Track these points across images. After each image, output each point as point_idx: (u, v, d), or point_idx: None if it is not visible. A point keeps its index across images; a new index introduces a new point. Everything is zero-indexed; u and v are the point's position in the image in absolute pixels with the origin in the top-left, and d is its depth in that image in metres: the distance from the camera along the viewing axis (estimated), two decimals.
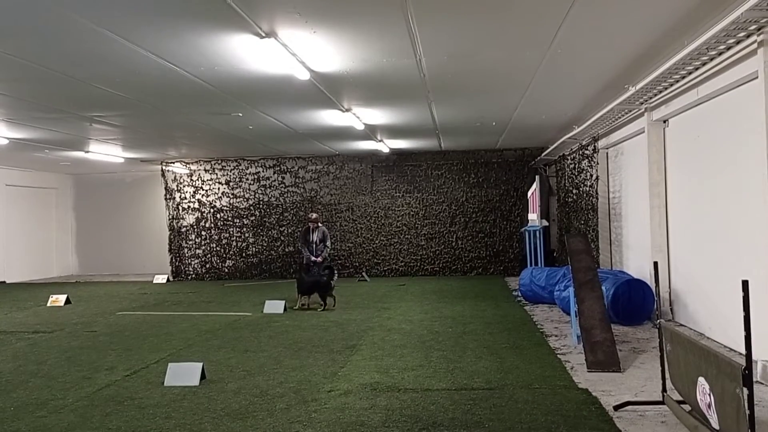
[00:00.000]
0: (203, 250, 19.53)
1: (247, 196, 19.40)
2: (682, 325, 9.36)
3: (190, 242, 19.58)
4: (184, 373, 6.85)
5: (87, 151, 15.82)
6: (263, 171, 19.32)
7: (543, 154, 16.90)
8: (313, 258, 12.60)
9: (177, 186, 19.69)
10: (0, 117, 11.11)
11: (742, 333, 3.96)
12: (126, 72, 8.16)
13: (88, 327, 10.76)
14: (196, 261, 19.56)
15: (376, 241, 18.89)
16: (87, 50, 7.15)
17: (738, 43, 6.46)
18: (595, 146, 13.47)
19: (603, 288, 8.33)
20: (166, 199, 19.76)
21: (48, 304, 13.64)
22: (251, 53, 7.39)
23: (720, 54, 6.89)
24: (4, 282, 19.23)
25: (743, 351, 3.96)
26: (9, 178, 19.49)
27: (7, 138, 13.18)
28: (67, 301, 13.75)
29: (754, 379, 3.85)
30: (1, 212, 19.29)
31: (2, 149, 14.84)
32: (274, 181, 19.28)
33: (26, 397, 6.47)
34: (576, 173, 15.11)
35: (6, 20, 6.11)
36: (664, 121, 9.89)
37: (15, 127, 12.16)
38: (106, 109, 10.67)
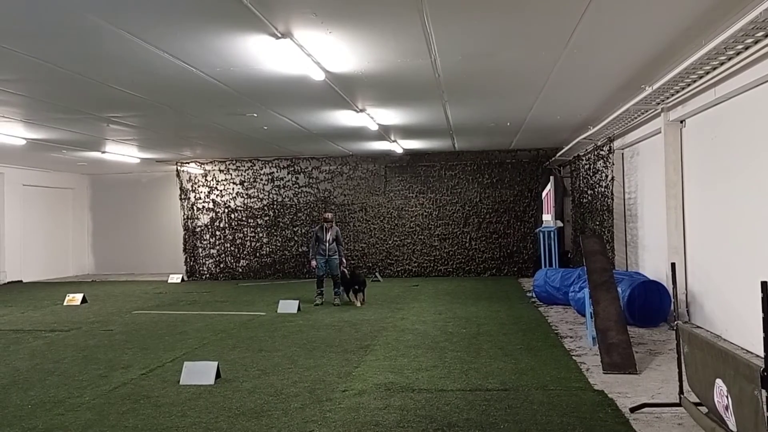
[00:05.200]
0: (217, 250, 19.63)
1: (261, 196, 19.47)
2: (698, 326, 9.29)
3: (205, 242, 19.69)
4: (200, 372, 6.89)
5: (103, 152, 15.97)
6: (277, 171, 19.39)
7: (557, 155, 16.83)
8: (343, 267, 13.02)
9: (192, 186, 19.81)
10: (18, 118, 11.23)
11: (760, 335, 3.92)
12: (143, 73, 8.22)
13: (105, 326, 10.85)
14: (211, 261, 19.66)
15: (390, 242, 18.89)
16: (104, 51, 7.21)
17: (756, 42, 6.40)
18: (610, 147, 13.40)
19: (618, 289, 8.29)
20: (180, 199, 19.88)
21: (65, 303, 13.76)
22: (267, 54, 7.42)
23: (738, 54, 6.82)
24: (21, 281, 19.44)
25: (760, 353, 3.92)
26: (26, 178, 19.69)
27: (25, 138, 13.32)
28: (84, 300, 13.87)
29: None
30: (19, 212, 19.50)
31: (20, 150, 14.99)
32: (288, 181, 19.35)
33: (43, 395, 6.54)
34: (591, 174, 15.04)
35: (24, 22, 6.17)
36: (681, 122, 9.82)
37: (33, 128, 12.29)
38: (123, 109, 10.76)
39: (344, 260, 13.06)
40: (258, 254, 19.44)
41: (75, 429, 5.45)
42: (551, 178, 14.92)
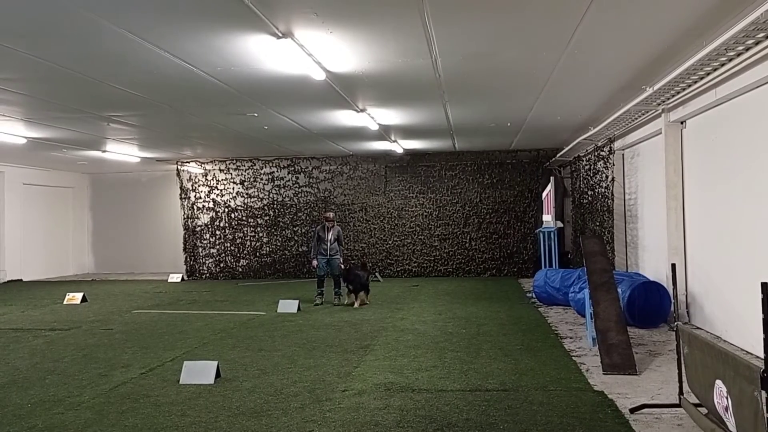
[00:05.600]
0: (217, 250, 19.63)
1: (261, 195, 19.48)
2: (698, 327, 9.29)
3: (205, 241, 19.70)
4: (200, 372, 6.89)
5: (104, 151, 15.97)
6: (277, 171, 19.40)
7: (558, 156, 16.83)
8: (343, 267, 12.97)
9: (192, 185, 19.81)
10: (19, 116, 11.23)
11: (760, 336, 3.92)
12: (143, 72, 8.22)
13: (104, 325, 10.85)
14: (211, 260, 19.66)
15: (390, 242, 18.89)
16: (105, 50, 7.21)
17: (757, 44, 6.40)
18: (610, 147, 13.39)
19: (619, 290, 8.28)
20: (181, 198, 19.88)
21: (64, 302, 13.76)
22: (268, 53, 7.42)
23: (739, 55, 6.82)
24: (21, 280, 19.43)
25: (760, 354, 3.92)
26: (26, 176, 19.69)
27: (26, 137, 13.32)
28: (84, 299, 13.87)
29: None
30: (19, 211, 19.50)
31: (20, 148, 14.99)
32: (288, 181, 19.35)
33: (43, 394, 6.54)
34: (591, 174, 15.04)
35: (25, 20, 6.17)
36: (682, 122, 9.82)
37: (33, 127, 12.28)
38: (124, 109, 10.76)
39: (340, 261, 13.00)
40: (258, 254, 19.44)
41: (75, 428, 5.45)
42: (551, 178, 14.91)
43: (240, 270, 19.51)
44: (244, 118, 12.00)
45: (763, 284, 3.91)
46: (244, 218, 19.55)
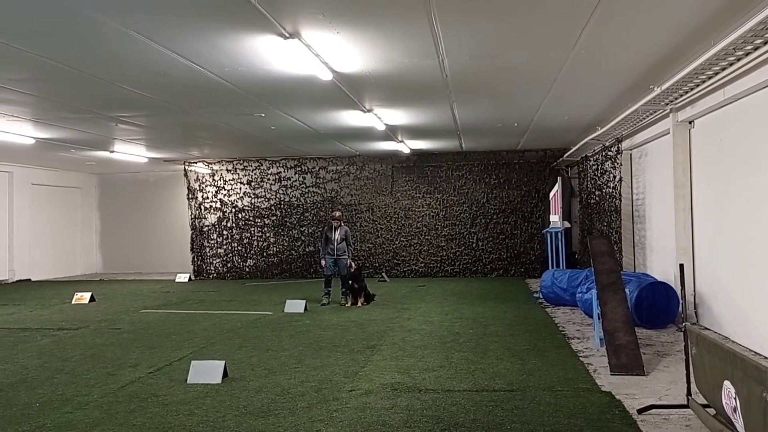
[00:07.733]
0: (225, 250, 19.67)
1: (268, 196, 19.51)
2: (706, 328, 9.25)
3: (212, 242, 19.75)
4: (207, 371, 6.91)
5: (112, 151, 16.04)
6: (284, 171, 19.43)
7: (565, 155, 16.80)
8: (354, 266, 12.98)
9: (199, 186, 19.87)
10: (27, 117, 11.29)
11: None
12: (151, 73, 8.25)
13: (112, 324, 10.90)
14: (218, 260, 19.71)
15: (396, 242, 18.89)
16: (113, 51, 7.24)
17: (765, 43, 6.37)
18: (618, 147, 13.36)
19: (626, 290, 8.26)
20: (188, 198, 19.94)
21: (73, 302, 13.83)
22: (275, 54, 7.43)
23: (747, 54, 6.79)
24: (30, 279, 19.53)
25: None
26: (35, 177, 19.80)
27: (34, 138, 13.39)
28: (92, 299, 13.93)
29: None
30: (27, 211, 19.60)
31: (29, 149, 15.07)
32: (295, 181, 19.38)
33: (51, 394, 6.57)
34: (599, 174, 15.00)
35: (33, 21, 6.21)
36: (690, 122, 9.78)
37: (42, 127, 12.35)
38: (131, 109, 10.80)
39: (351, 262, 13.01)
40: (265, 254, 19.48)
41: (83, 427, 5.47)
42: (559, 178, 14.88)
43: (247, 270, 19.55)
44: (251, 119, 12.03)
45: None
46: (251, 218, 19.59)
